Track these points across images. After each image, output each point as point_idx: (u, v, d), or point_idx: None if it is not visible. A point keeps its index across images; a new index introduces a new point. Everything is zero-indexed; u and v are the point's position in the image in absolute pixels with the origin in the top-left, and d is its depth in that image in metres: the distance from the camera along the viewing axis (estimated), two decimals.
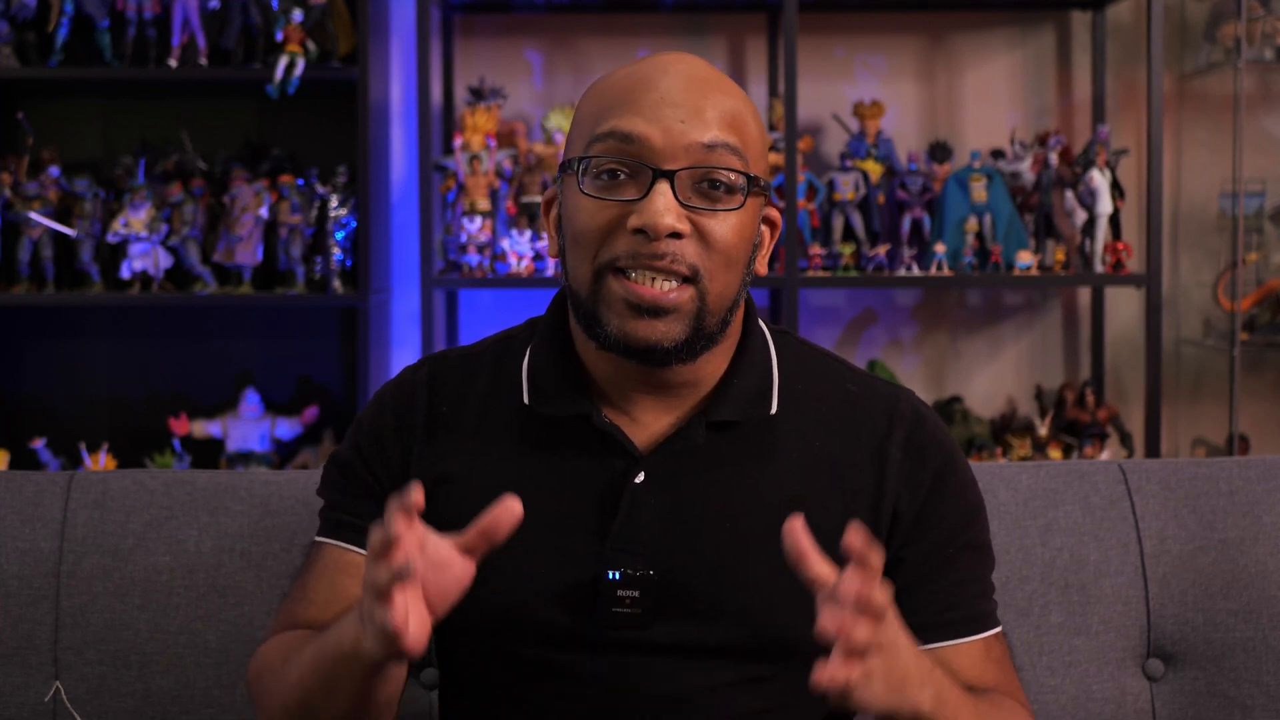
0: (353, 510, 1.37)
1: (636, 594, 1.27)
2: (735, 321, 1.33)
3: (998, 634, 1.38)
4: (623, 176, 1.26)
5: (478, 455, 1.34)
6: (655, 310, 1.25)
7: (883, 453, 1.34)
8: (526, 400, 1.34)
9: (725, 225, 1.26)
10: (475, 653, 1.35)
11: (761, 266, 1.34)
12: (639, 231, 1.24)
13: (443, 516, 1.32)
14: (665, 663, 1.28)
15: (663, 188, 1.24)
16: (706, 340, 1.28)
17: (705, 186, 1.26)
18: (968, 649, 1.34)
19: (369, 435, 1.38)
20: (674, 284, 1.25)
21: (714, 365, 1.33)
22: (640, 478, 1.30)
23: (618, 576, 1.27)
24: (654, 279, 1.25)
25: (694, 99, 1.26)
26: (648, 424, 1.32)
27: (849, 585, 1.08)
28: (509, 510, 1.15)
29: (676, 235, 1.24)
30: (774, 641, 1.29)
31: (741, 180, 1.27)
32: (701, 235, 1.25)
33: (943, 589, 1.34)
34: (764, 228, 1.35)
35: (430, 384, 1.38)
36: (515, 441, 1.34)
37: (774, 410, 1.34)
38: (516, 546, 1.28)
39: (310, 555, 1.40)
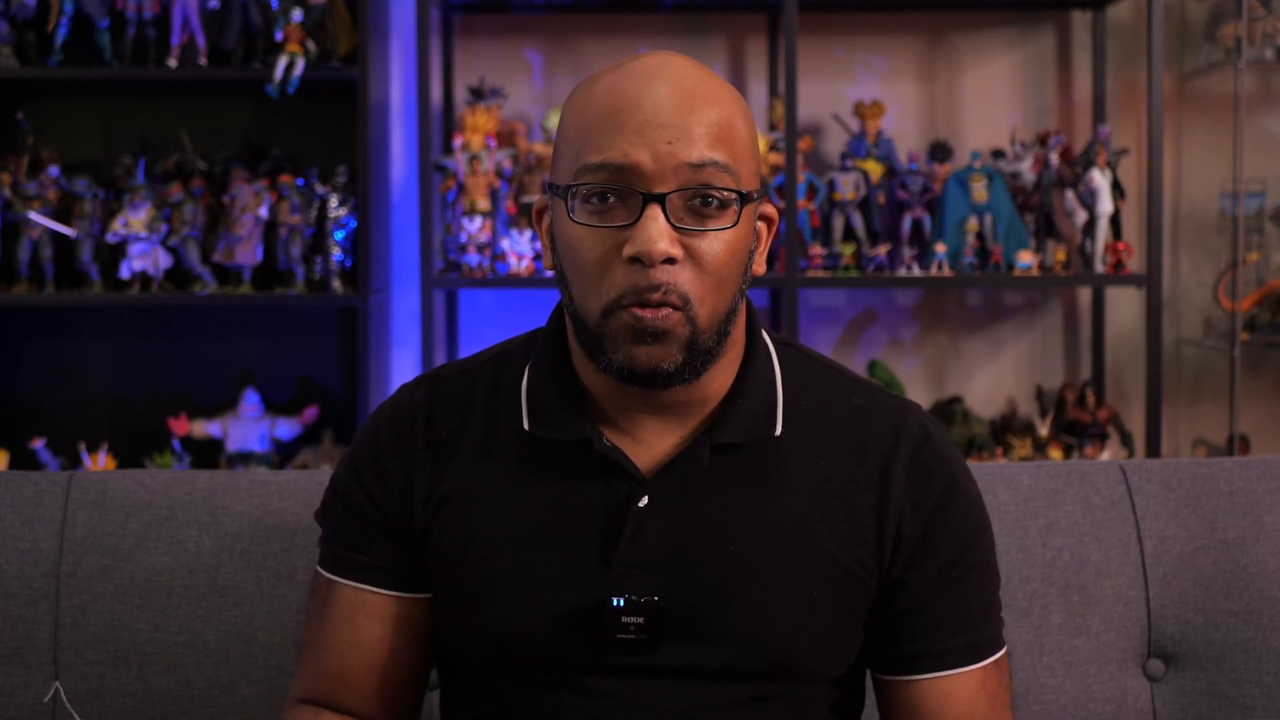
0: (361, 547, 1.35)
1: (641, 620, 1.26)
2: (736, 331, 1.31)
3: (998, 660, 1.35)
4: (613, 200, 1.24)
5: (480, 478, 1.32)
6: (655, 335, 1.23)
7: (888, 471, 1.32)
8: (526, 425, 1.32)
9: (718, 243, 1.24)
10: (479, 675, 1.34)
11: (759, 265, 1.32)
12: (634, 259, 1.22)
13: (446, 539, 1.33)
14: (671, 684, 1.28)
15: (654, 212, 1.22)
16: (705, 357, 1.26)
17: (697, 204, 1.24)
18: (964, 680, 1.32)
19: (368, 461, 1.36)
20: (669, 311, 1.23)
21: (717, 382, 1.31)
22: (644, 501, 1.28)
23: (622, 603, 1.26)
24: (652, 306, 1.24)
25: (680, 116, 1.23)
26: (650, 445, 1.31)
27: None
28: None
29: (671, 260, 1.22)
30: (779, 662, 1.29)
31: (733, 197, 1.24)
32: (694, 258, 1.23)
33: (947, 614, 1.32)
34: (760, 224, 1.32)
35: (428, 405, 1.36)
36: (516, 465, 1.32)
37: (779, 431, 1.32)
38: (520, 571, 1.29)
39: (321, 592, 1.38)
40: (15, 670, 1.62)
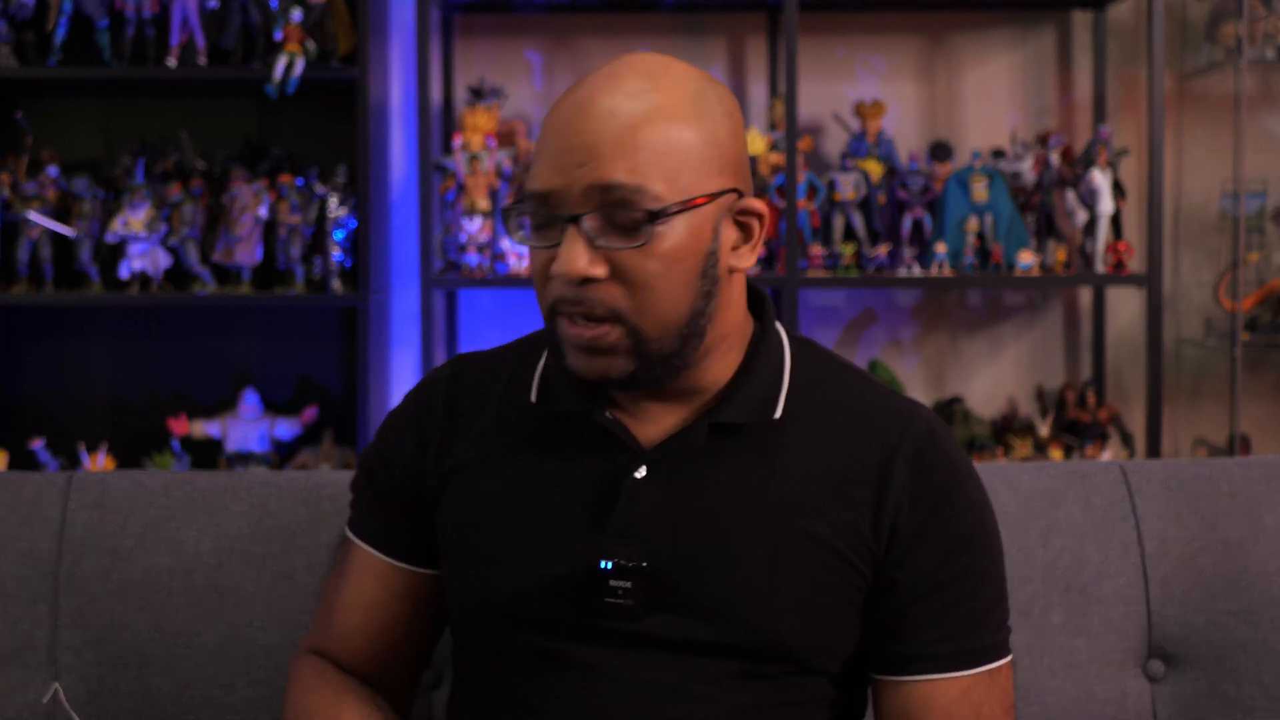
0: (374, 512, 1.44)
1: (629, 585, 1.28)
2: (725, 324, 1.32)
3: (993, 671, 1.33)
4: (543, 221, 1.28)
5: (487, 450, 1.37)
6: (593, 349, 1.27)
7: (889, 466, 1.32)
8: (534, 399, 1.37)
9: (643, 258, 1.25)
10: (476, 642, 1.37)
11: (742, 261, 1.32)
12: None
13: (453, 508, 1.38)
14: (660, 655, 1.29)
15: (571, 234, 1.25)
16: (665, 362, 1.29)
17: (617, 223, 1.25)
18: (945, 686, 1.31)
19: (390, 429, 1.44)
20: (603, 326, 1.26)
21: (716, 370, 1.33)
22: (641, 472, 1.31)
23: (610, 566, 1.28)
24: (584, 320, 1.27)
25: (598, 141, 1.24)
26: (652, 423, 1.33)
27: None
28: None
29: (592, 280, 1.25)
30: (768, 642, 1.29)
31: (642, 217, 1.24)
32: (620, 274, 1.25)
33: (935, 617, 1.31)
34: (749, 220, 1.32)
35: (452, 381, 1.42)
36: (523, 438, 1.36)
37: (778, 415, 1.33)
38: (518, 538, 1.32)
39: (342, 550, 1.47)
40: (15, 670, 1.62)
